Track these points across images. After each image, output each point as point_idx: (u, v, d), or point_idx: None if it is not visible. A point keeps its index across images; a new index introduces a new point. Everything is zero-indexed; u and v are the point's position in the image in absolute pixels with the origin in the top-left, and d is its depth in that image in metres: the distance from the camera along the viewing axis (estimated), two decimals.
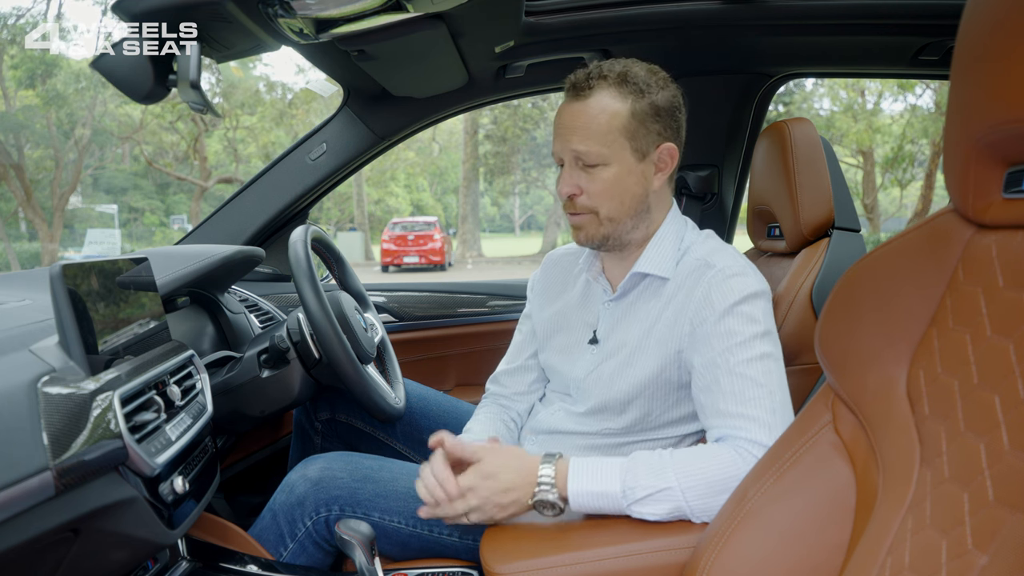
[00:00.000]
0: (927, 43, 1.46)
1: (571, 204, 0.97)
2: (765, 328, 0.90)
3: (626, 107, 0.92)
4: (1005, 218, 0.50)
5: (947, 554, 0.45)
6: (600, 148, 0.92)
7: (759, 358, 0.87)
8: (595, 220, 0.96)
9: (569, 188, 0.95)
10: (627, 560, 0.76)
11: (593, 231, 0.97)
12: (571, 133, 0.93)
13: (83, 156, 16.95)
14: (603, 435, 1.00)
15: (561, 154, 0.95)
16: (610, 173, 0.93)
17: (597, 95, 0.92)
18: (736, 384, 0.86)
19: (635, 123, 0.92)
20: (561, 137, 0.94)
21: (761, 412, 0.84)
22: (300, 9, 0.94)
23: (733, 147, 1.74)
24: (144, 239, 22.27)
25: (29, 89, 16.00)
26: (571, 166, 0.95)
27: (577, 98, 0.93)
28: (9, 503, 0.53)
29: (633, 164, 0.94)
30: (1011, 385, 0.45)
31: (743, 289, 0.90)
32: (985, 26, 0.47)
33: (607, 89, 0.92)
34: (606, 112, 0.91)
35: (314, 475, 1.02)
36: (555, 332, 1.10)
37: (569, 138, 0.93)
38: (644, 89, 0.92)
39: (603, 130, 0.91)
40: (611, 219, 0.96)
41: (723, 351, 0.88)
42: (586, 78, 0.93)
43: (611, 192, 0.94)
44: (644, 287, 1.00)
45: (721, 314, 0.89)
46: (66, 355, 0.67)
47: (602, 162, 0.92)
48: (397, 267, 15.34)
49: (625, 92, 0.92)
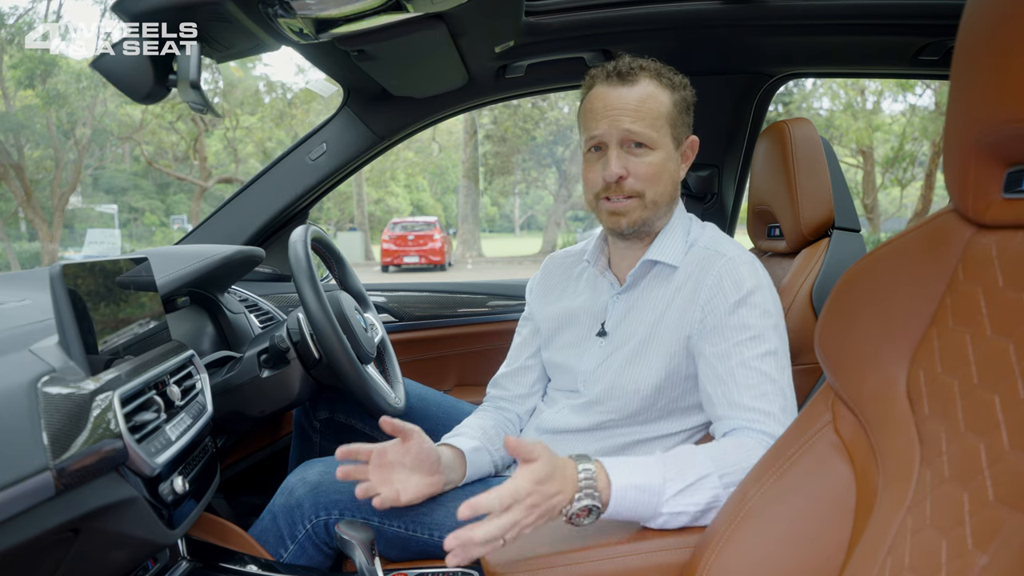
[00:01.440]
0: (927, 43, 1.46)
1: (618, 188, 0.97)
2: (776, 320, 0.92)
3: (668, 97, 0.96)
4: (1005, 218, 0.50)
5: (947, 554, 0.45)
6: (650, 131, 0.95)
7: (773, 353, 0.89)
8: (640, 204, 0.97)
9: (619, 170, 0.95)
10: (627, 560, 0.76)
11: (637, 215, 0.98)
12: (622, 114, 0.95)
13: (83, 156, 16.94)
14: (612, 428, 1.00)
15: (607, 137, 0.96)
16: (657, 157, 0.96)
17: (643, 82, 0.95)
18: (752, 378, 0.87)
19: (676, 113, 0.97)
20: (609, 119, 0.95)
21: (775, 408, 0.85)
22: (300, 9, 0.94)
23: (733, 147, 1.74)
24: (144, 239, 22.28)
25: (29, 89, 16.00)
26: (617, 149, 0.96)
27: (624, 83, 0.96)
28: (9, 503, 0.53)
29: (672, 151, 0.98)
30: (1011, 385, 0.45)
31: (753, 279, 0.92)
32: (985, 26, 0.47)
33: (651, 79, 0.96)
34: (655, 98, 0.95)
35: (313, 479, 1.02)
36: (560, 329, 1.10)
37: (620, 119, 0.95)
38: (677, 84, 0.98)
39: (653, 114, 0.95)
40: (655, 203, 0.98)
41: (737, 344, 0.89)
42: (630, 65, 0.96)
43: (657, 176, 0.96)
44: (653, 276, 1.01)
45: (734, 304, 0.91)
46: (66, 355, 0.67)
47: (651, 145, 0.95)
48: (397, 267, 15.34)
49: (664, 84, 0.97)
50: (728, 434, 0.88)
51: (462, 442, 1.02)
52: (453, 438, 1.04)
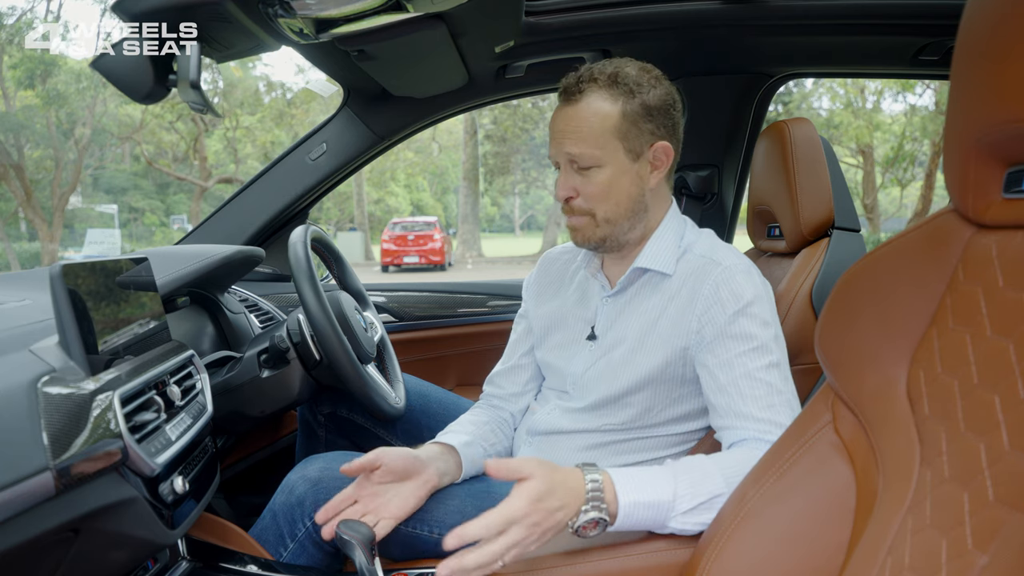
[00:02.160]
0: (927, 43, 1.46)
1: (568, 207, 0.98)
2: (777, 331, 0.91)
3: (616, 108, 0.92)
4: (1005, 218, 0.50)
5: (947, 554, 0.45)
6: (592, 150, 0.92)
7: (777, 365, 0.89)
8: (592, 222, 0.97)
9: (565, 191, 0.96)
10: (627, 560, 0.76)
11: (590, 233, 0.98)
12: (564, 137, 0.94)
13: (83, 156, 16.95)
14: (602, 432, 1.00)
15: (556, 158, 0.97)
16: (604, 175, 0.94)
17: (587, 98, 0.93)
18: (759, 390, 0.87)
19: (627, 124, 0.92)
20: (555, 141, 0.95)
21: (784, 418, 0.85)
22: (300, 9, 0.94)
23: (733, 147, 1.74)
24: (144, 239, 22.28)
25: (29, 89, 16.00)
26: (566, 169, 0.96)
27: (568, 102, 0.94)
28: (9, 503, 0.53)
29: (627, 164, 0.94)
30: (1011, 385, 0.45)
31: (753, 289, 0.91)
32: (985, 26, 0.47)
33: (597, 91, 0.92)
34: (597, 115, 0.92)
35: (314, 475, 1.02)
36: (552, 329, 1.10)
37: (562, 142, 0.94)
38: (635, 89, 0.93)
39: (595, 132, 0.92)
40: (608, 220, 0.96)
41: (741, 354, 0.88)
42: (576, 81, 0.93)
43: (606, 194, 0.95)
44: (644, 283, 1.00)
45: (733, 314, 0.90)
46: (66, 355, 0.67)
47: (595, 164, 0.93)
48: (397, 267, 15.34)
49: (616, 93, 0.92)
50: (738, 444, 0.87)
51: (452, 438, 1.02)
52: (444, 435, 1.04)
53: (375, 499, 0.91)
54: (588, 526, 0.73)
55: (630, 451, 1.00)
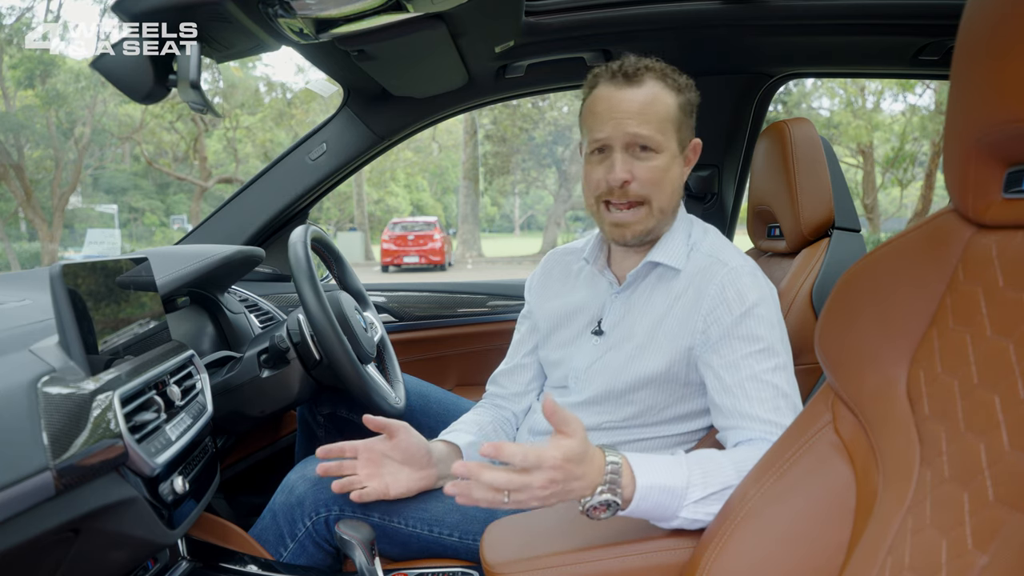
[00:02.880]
0: (927, 43, 1.46)
1: (622, 192, 0.94)
2: (781, 333, 0.91)
3: (675, 99, 0.94)
4: (1005, 218, 0.50)
5: (947, 554, 0.45)
6: (656, 134, 0.92)
7: (783, 368, 0.89)
8: (647, 213, 0.95)
9: (623, 174, 0.92)
10: (627, 560, 0.76)
11: (642, 226, 0.95)
12: (628, 116, 0.91)
13: (83, 156, 16.95)
14: (602, 429, 1.00)
15: (612, 139, 0.93)
16: (662, 161, 0.94)
17: (649, 84, 0.93)
18: (765, 392, 0.87)
19: (681, 115, 0.95)
20: (614, 120, 0.92)
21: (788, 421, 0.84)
22: (300, 9, 0.94)
23: (733, 147, 1.74)
24: (144, 239, 22.28)
25: (29, 89, 16.00)
26: (621, 152, 0.93)
27: (630, 84, 0.93)
28: (9, 503, 0.53)
29: (677, 155, 0.96)
30: (1011, 385, 0.45)
31: (759, 290, 0.91)
32: (985, 26, 0.47)
33: (657, 80, 0.93)
34: (661, 101, 0.93)
35: (313, 475, 1.02)
36: (558, 326, 1.10)
37: (625, 121, 0.91)
38: (682, 86, 0.95)
39: (659, 117, 0.92)
40: (662, 210, 0.96)
41: (747, 356, 0.88)
42: (636, 66, 0.93)
43: (662, 180, 0.94)
44: (654, 278, 1.00)
45: (740, 316, 0.90)
46: (66, 355, 0.67)
47: (656, 148, 0.93)
48: (397, 267, 15.34)
49: (671, 85, 0.94)
50: (744, 443, 0.87)
51: (458, 437, 1.02)
52: (449, 434, 1.04)
53: (373, 466, 0.91)
54: (600, 507, 0.72)
55: (630, 450, 1.00)
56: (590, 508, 0.73)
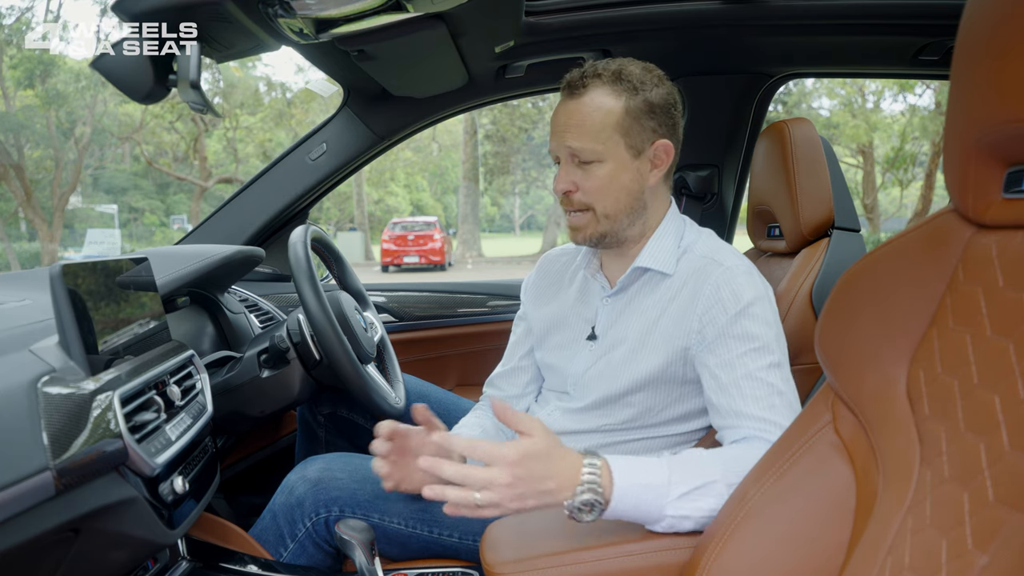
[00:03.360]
0: (927, 43, 1.46)
1: (567, 201, 0.97)
2: (777, 331, 0.91)
3: (620, 104, 0.92)
4: (1005, 218, 0.50)
5: (947, 554, 0.45)
6: (594, 145, 0.92)
7: (778, 365, 0.89)
8: (592, 218, 0.97)
9: (565, 185, 0.96)
10: (627, 560, 0.76)
11: (591, 230, 0.98)
12: (565, 130, 0.94)
13: (83, 156, 16.95)
14: (602, 432, 1.00)
15: (557, 151, 0.96)
16: (605, 170, 0.94)
17: (591, 93, 0.93)
18: (760, 390, 0.87)
19: (629, 120, 0.93)
20: (556, 134, 0.95)
21: (784, 419, 0.85)
22: (300, 9, 0.94)
23: (733, 147, 1.74)
24: (144, 239, 22.28)
25: (29, 89, 16.00)
26: (567, 163, 0.96)
27: (572, 96, 0.94)
28: (9, 503, 0.53)
29: (628, 161, 0.95)
30: (1011, 385, 0.45)
31: (754, 290, 0.91)
32: (985, 26, 0.47)
33: (601, 87, 0.93)
34: (600, 109, 0.92)
35: (313, 476, 1.02)
36: (552, 330, 1.10)
37: (564, 135, 0.94)
38: (638, 86, 0.93)
39: (597, 127, 0.92)
40: (607, 216, 0.96)
41: (742, 355, 0.88)
42: (580, 76, 0.94)
43: (606, 188, 0.95)
44: (644, 282, 1.00)
45: (735, 315, 0.90)
46: (66, 355, 0.67)
47: (596, 159, 0.93)
48: (397, 267, 15.34)
49: (619, 90, 0.93)
50: (739, 441, 0.87)
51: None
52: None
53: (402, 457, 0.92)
54: (583, 507, 0.73)
55: (631, 451, 1.00)
56: (573, 509, 0.73)
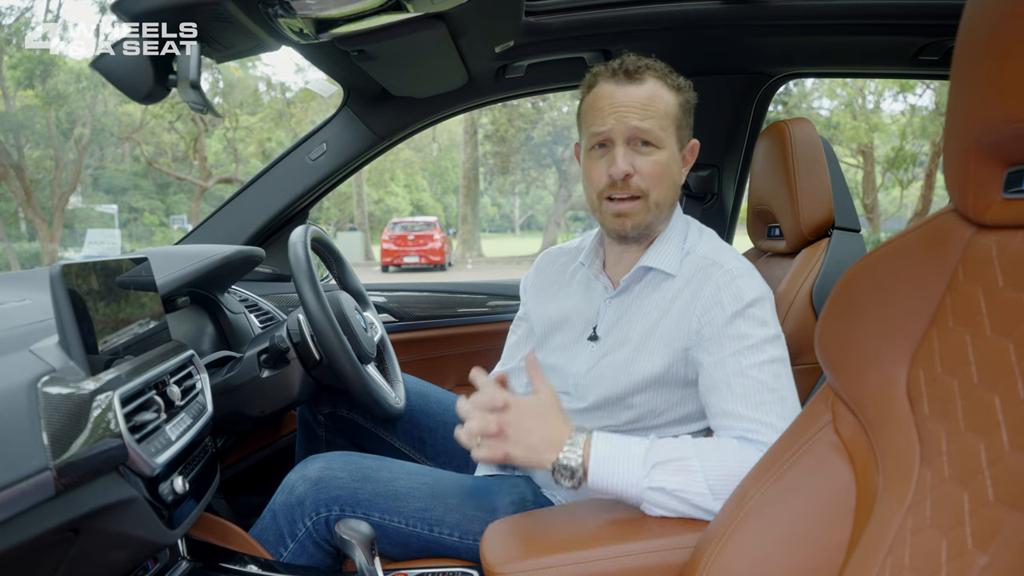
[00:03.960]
0: (927, 43, 1.46)
1: (624, 185, 0.95)
2: (775, 331, 0.91)
3: (676, 98, 0.96)
4: (1005, 218, 0.50)
5: (947, 554, 0.45)
6: (658, 130, 0.94)
7: (771, 362, 0.88)
8: (643, 206, 0.97)
9: (625, 167, 0.94)
10: (627, 560, 0.76)
11: (640, 217, 0.97)
12: (631, 111, 0.94)
13: (83, 156, 16.94)
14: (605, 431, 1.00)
15: (614, 133, 0.95)
16: (663, 156, 0.96)
17: (650, 82, 0.95)
18: (749, 387, 0.86)
19: (681, 114, 0.97)
20: (617, 115, 0.94)
21: (773, 417, 0.84)
22: (300, 9, 0.94)
23: (733, 147, 1.74)
24: (144, 239, 22.27)
25: (28, 89, 15.99)
26: (624, 147, 0.95)
27: (632, 81, 0.95)
28: (9, 503, 0.53)
29: (676, 152, 0.98)
30: (1011, 385, 0.45)
31: (753, 291, 0.91)
32: (985, 26, 0.47)
33: (658, 79, 0.95)
34: (662, 98, 0.95)
35: (313, 475, 1.02)
36: (553, 330, 1.10)
37: (628, 116, 0.94)
38: (681, 86, 0.97)
39: (660, 114, 0.94)
40: (658, 205, 0.97)
41: (734, 353, 0.88)
42: (636, 65, 0.95)
43: (662, 175, 0.96)
44: (647, 282, 1.00)
45: (732, 316, 0.90)
46: (66, 355, 0.67)
47: (658, 144, 0.95)
48: (397, 267, 15.34)
49: (671, 85, 0.96)
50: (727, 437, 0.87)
51: None
52: None
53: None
54: (563, 473, 0.81)
55: None
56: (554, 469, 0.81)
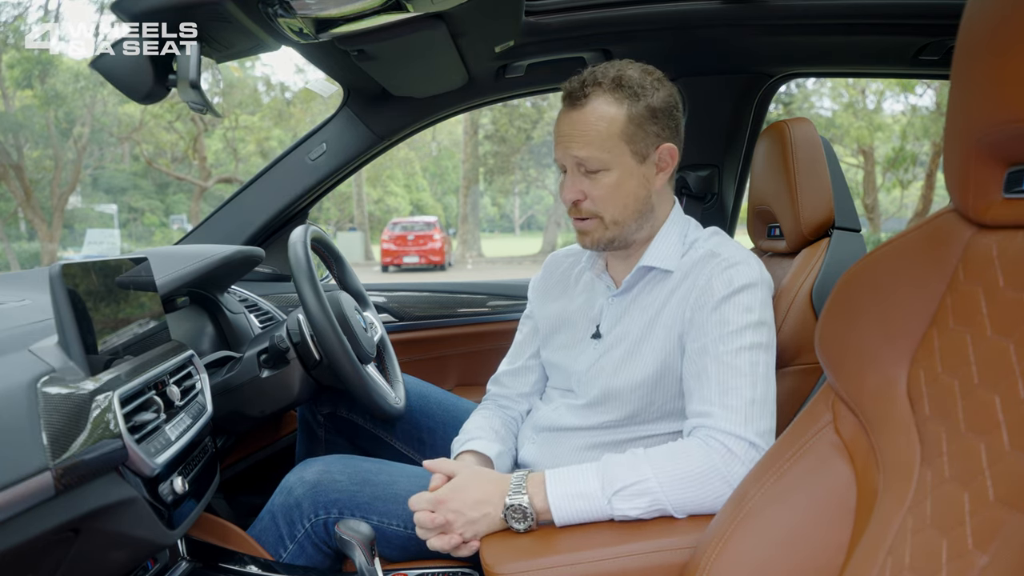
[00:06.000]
0: (927, 43, 1.46)
1: (576, 209, 0.98)
2: (759, 318, 0.90)
3: (622, 112, 0.92)
4: (1005, 218, 0.50)
5: (947, 554, 0.45)
6: (600, 154, 0.93)
7: (748, 348, 0.88)
8: (600, 224, 0.98)
9: (573, 194, 0.97)
10: (626, 560, 0.76)
11: (599, 235, 0.98)
12: (570, 141, 0.94)
13: (82, 156, 16.94)
14: (605, 428, 1.00)
15: (563, 161, 0.97)
16: (612, 178, 0.94)
17: (593, 102, 0.93)
18: (722, 372, 0.87)
19: (632, 127, 0.93)
20: (561, 145, 0.96)
21: (739, 402, 0.85)
22: (300, 9, 0.94)
23: (733, 147, 1.74)
24: (144, 239, 22.26)
25: (28, 89, 15.99)
26: (573, 172, 0.96)
27: (574, 107, 0.94)
28: (9, 503, 0.53)
29: (634, 167, 0.95)
30: (1011, 385, 0.45)
31: (742, 278, 0.91)
32: (985, 26, 0.47)
33: (602, 95, 0.93)
34: (604, 119, 0.92)
35: (312, 478, 1.02)
36: (558, 329, 1.10)
37: (569, 146, 0.94)
38: (639, 92, 0.93)
39: (602, 136, 0.92)
40: (616, 222, 0.97)
41: (715, 339, 0.89)
42: (581, 86, 0.93)
43: (614, 196, 0.95)
44: (648, 281, 1.00)
45: (718, 302, 0.90)
46: (66, 355, 0.67)
47: (603, 167, 0.94)
48: (397, 267, 15.34)
49: (620, 97, 0.93)
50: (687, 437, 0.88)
51: (488, 447, 1.02)
52: (475, 442, 1.03)
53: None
54: (514, 516, 0.82)
55: (638, 447, 1.00)
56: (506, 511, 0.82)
